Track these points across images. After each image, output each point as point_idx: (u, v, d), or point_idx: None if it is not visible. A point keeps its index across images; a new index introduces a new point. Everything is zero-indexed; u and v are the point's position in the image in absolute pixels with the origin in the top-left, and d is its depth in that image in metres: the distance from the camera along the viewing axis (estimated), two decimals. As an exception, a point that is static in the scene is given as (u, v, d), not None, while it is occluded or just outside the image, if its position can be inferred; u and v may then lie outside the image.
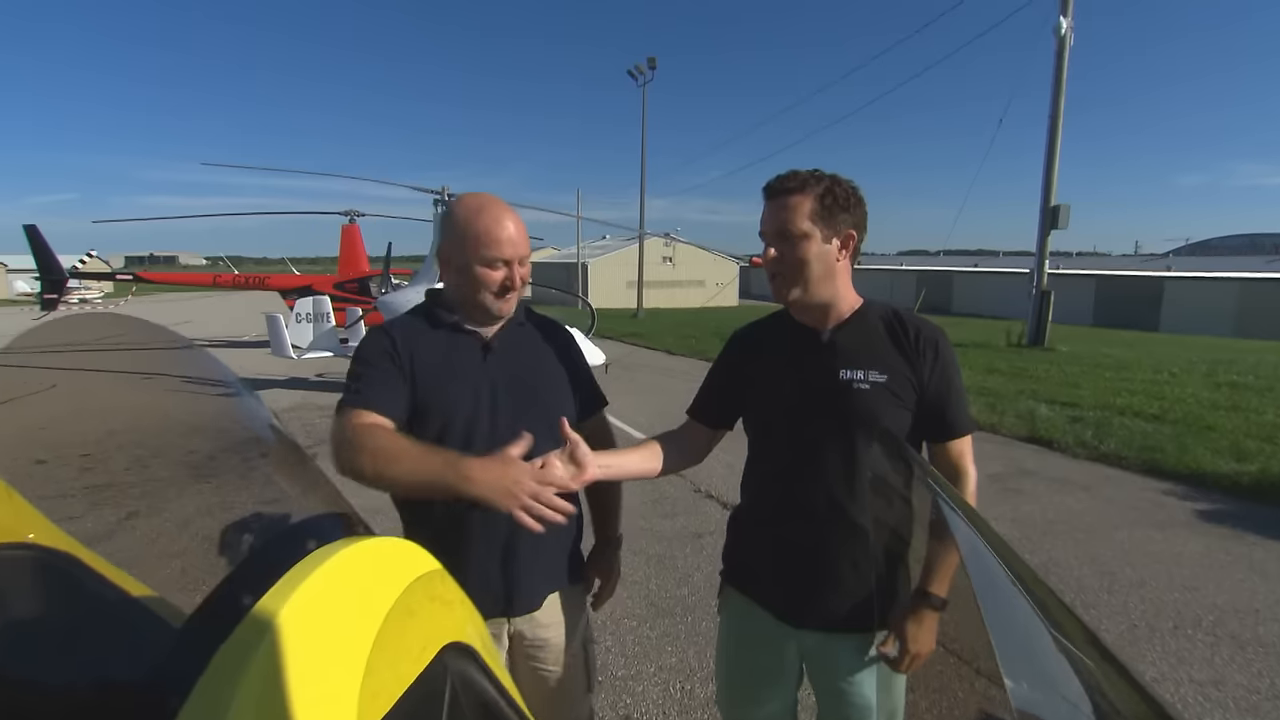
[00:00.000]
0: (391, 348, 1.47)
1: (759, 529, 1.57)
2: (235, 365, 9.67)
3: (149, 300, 36.52)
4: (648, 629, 3.29)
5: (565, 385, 1.61)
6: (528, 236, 1.53)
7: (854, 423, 1.41)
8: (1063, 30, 14.05)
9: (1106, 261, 51.89)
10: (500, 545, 1.47)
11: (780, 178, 1.43)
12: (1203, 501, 5.14)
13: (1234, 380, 9.95)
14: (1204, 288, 30.89)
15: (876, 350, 1.44)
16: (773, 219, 1.42)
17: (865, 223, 1.46)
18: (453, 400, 1.46)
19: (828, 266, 1.43)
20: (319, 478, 1.21)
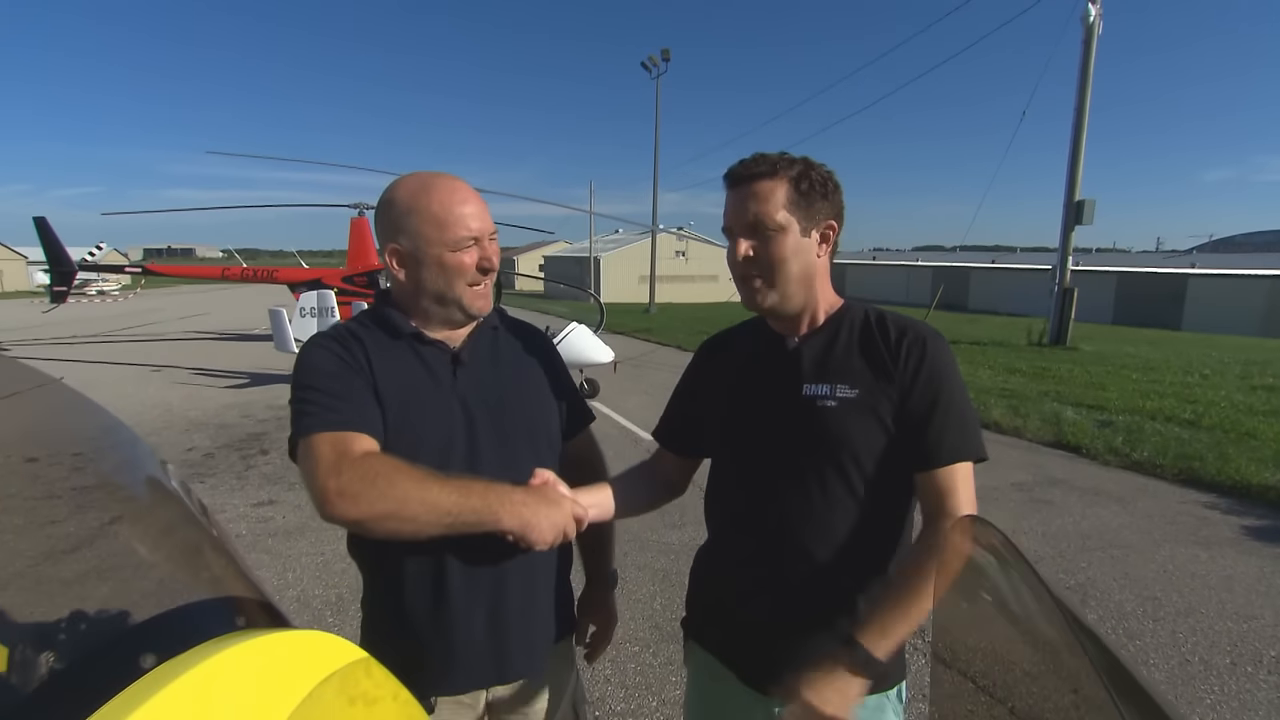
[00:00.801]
0: (351, 358, 1.20)
1: (718, 579, 1.34)
2: (242, 358, 9.52)
3: (165, 292, 36.81)
4: (650, 655, 3.04)
5: (548, 400, 1.36)
6: (488, 211, 1.27)
7: (819, 448, 1.17)
8: (1091, 18, 13.58)
9: (1127, 258, 50.87)
10: (486, 599, 1.22)
11: (746, 162, 1.19)
12: (1249, 516, 4.80)
13: (1271, 383, 9.55)
14: (1230, 285, 30.14)
15: (848, 360, 1.20)
16: (741, 209, 1.19)
17: (843, 213, 1.23)
18: (422, 424, 1.20)
19: (807, 264, 1.20)
20: (207, 545, 0.94)
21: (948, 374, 1.17)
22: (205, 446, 6.70)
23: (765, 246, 1.18)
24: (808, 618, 1.19)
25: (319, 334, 1.27)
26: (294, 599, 3.57)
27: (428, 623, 1.21)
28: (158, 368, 11.79)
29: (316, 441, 1.07)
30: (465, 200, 1.21)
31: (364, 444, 1.10)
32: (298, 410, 1.14)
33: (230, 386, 10.02)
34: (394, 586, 1.24)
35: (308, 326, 10.76)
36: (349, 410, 1.13)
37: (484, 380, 1.27)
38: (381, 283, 13.57)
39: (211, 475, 5.77)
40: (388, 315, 1.27)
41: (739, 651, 1.28)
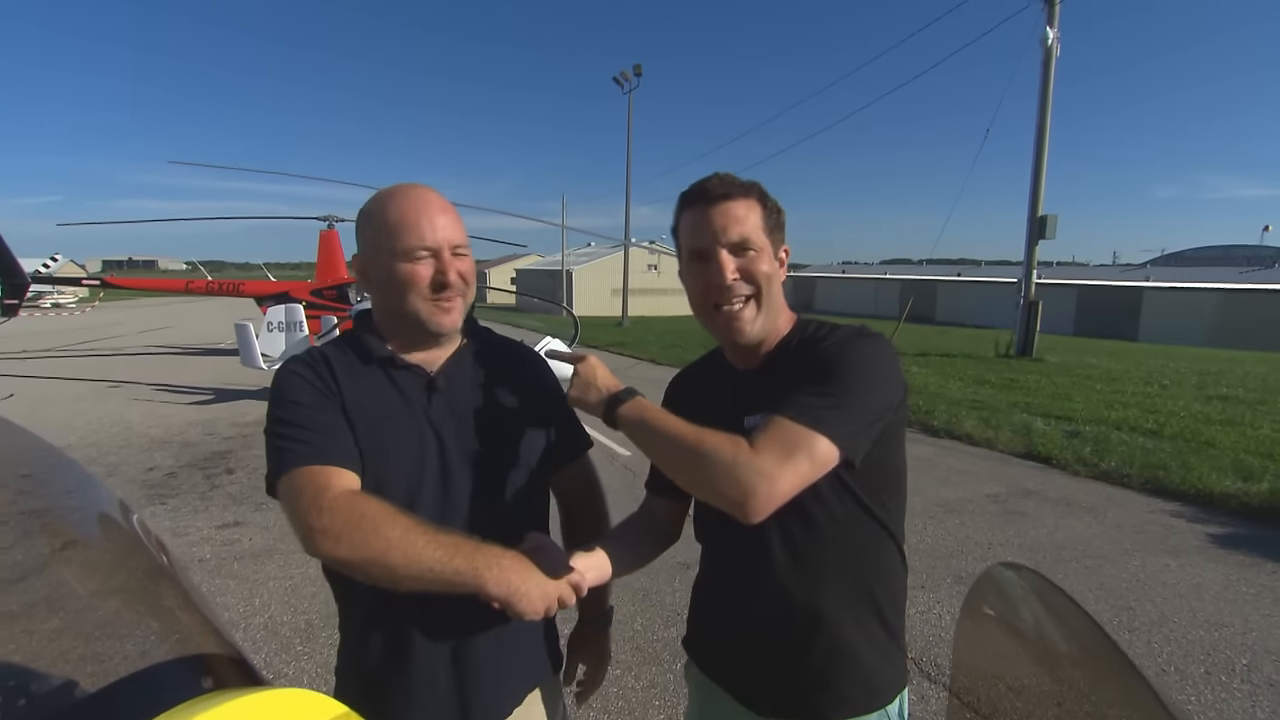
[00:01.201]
0: (324, 385, 1.14)
1: (710, 600, 1.33)
2: (207, 373, 9.17)
3: (125, 306, 35.71)
4: (632, 678, 2.97)
5: (535, 427, 1.27)
6: (461, 226, 1.20)
7: None
8: (1049, 40, 14.03)
9: (1085, 271, 52.47)
10: (449, 634, 1.15)
11: (719, 180, 1.16)
12: (1213, 524, 4.92)
13: (1225, 393, 9.86)
14: (1182, 298, 31.26)
15: (785, 383, 1.11)
16: (726, 228, 1.13)
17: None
18: (389, 453, 1.13)
19: (778, 289, 1.18)
20: (168, 594, 0.87)
21: (856, 362, 1.07)
22: (167, 466, 6.46)
23: (753, 265, 1.14)
24: (794, 650, 1.16)
25: (292, 359, 1.20)
26: (261, 626, 3.43)
27: (387, 658, 1.15)
28: (117, 383, 11.36)
29: (297, 477, 1.03)
30: (424, 209, 1.14)
31: (346, 480, 1.05)
32: (275, 445, 1.08)
33: (194, 403, 9.70)
34: (355, 616, 1.19)
35: (275, 341, 10.52)
36: (329, 444, 1.07)
37: (461, 406, 1.20)
38: (352, 297, 13.34)
39: (174, 496, 5.56)
40: (362, 338, 1.21)
41: (733, 674, 1.25)
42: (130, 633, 0.79)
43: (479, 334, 1.32)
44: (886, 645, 1.21)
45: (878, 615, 1.19)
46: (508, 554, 1.02)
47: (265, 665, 3.07)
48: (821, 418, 1.00)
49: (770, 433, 1.00)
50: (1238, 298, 29.93)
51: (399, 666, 1.15)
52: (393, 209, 1.14)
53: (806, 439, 0.99)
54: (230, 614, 3.55)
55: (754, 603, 1.19)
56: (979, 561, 4.18)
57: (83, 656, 0.72)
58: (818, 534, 1.14)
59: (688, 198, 1.18)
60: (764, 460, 0.97)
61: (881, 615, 1.20)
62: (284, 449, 1.06)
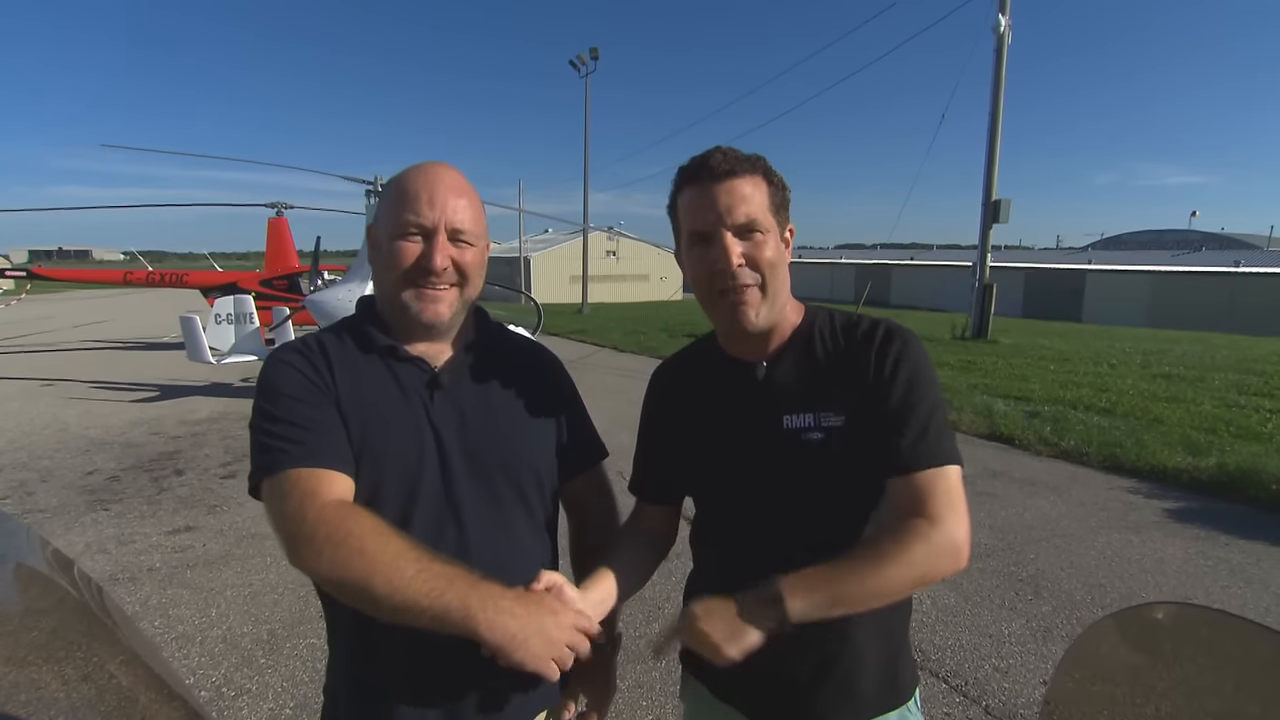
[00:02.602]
0: (317, 376, 1.03)
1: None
2: (150, 369, 8.67)
3: (57, 298, 33.75)
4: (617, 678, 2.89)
5: (545, 434, 1.17)
6: (478, 212, 1.10)
7: (812, 487, 1.06)
8: (1001, 28, 14.29)
9: (1031, 255, 54.30)
10: (448, 652, 1.02)
11: (721, 155, 1.05)
12: (1168, 499, 5.09)
13: (1167, 371, 10.28)
14: (1121, 280, 32.61)
15: (827, 381, 1.07)
16: (729, 207, 1.03)
17: None
18: (385, 452, 1.03)
19: (786, 274, 1.10)
20: (105, 651, 0.74)
21: (921, 373, 1.05)
22: (109, 469, 6.08)
23: (759, 250, 1.05)
24: (821, 657, 1.10)
25: (284, 347, 1.09)
26: (219, 639, 3.23)
27: (379, 678, 1.05)
28: (49, 381, 10.67)
29: (283, 480, 0.95)
30: (430, 186, 1.05)
31: (336, 486, 0.96)
32: (262, 442, 0.98)
33: (137, 400, 9.19)
34: (344, 629, 1.08)
35: (224, 334, 10.06)
36: (321, 444, 0.97)
37: (466, 406, 1.10)
38: (304, 286, 12.84)
39: (117, 501, 5.23)
40: (362, 326, 1.11)
41: (743, 689, 1.17)
42: (49, 700, 0.65)
43: (491, 330, 1.21)
44: (904, 640, 1.18)
45: (896, 610, 1.14)
46: (509, 594, 0.92)
47: (225, 681, 2.89)
48: (949, 449, 1.02)
49: (933, 493, 0.99)
50: (1170, 280, 31.38)
51: (392, 688, 1.05)
52: (402, 181, 1.06)
53: (954, 477, 1.01)
54: (185, 627, 3.35)
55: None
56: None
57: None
58: (847, 532, 1.08)
59: (688, 173, 1.08)
60: (950, 526, 0.97)
61: (900, 611, 1.16)
62: (271, 447, 0.97)
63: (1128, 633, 0.85)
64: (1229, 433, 6.51)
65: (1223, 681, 0.72)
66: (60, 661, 0.73)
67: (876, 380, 1.05)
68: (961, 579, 3.80)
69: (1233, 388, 8.79)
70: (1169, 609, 0.85)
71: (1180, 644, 0.80)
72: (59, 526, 4.69)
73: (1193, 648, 0.78)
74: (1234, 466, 5.44)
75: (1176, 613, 0.86)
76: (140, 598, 3.66)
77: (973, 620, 3.35)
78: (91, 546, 4.34)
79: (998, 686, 2.80)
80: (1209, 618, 0.77)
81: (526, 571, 1.10)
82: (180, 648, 3.15)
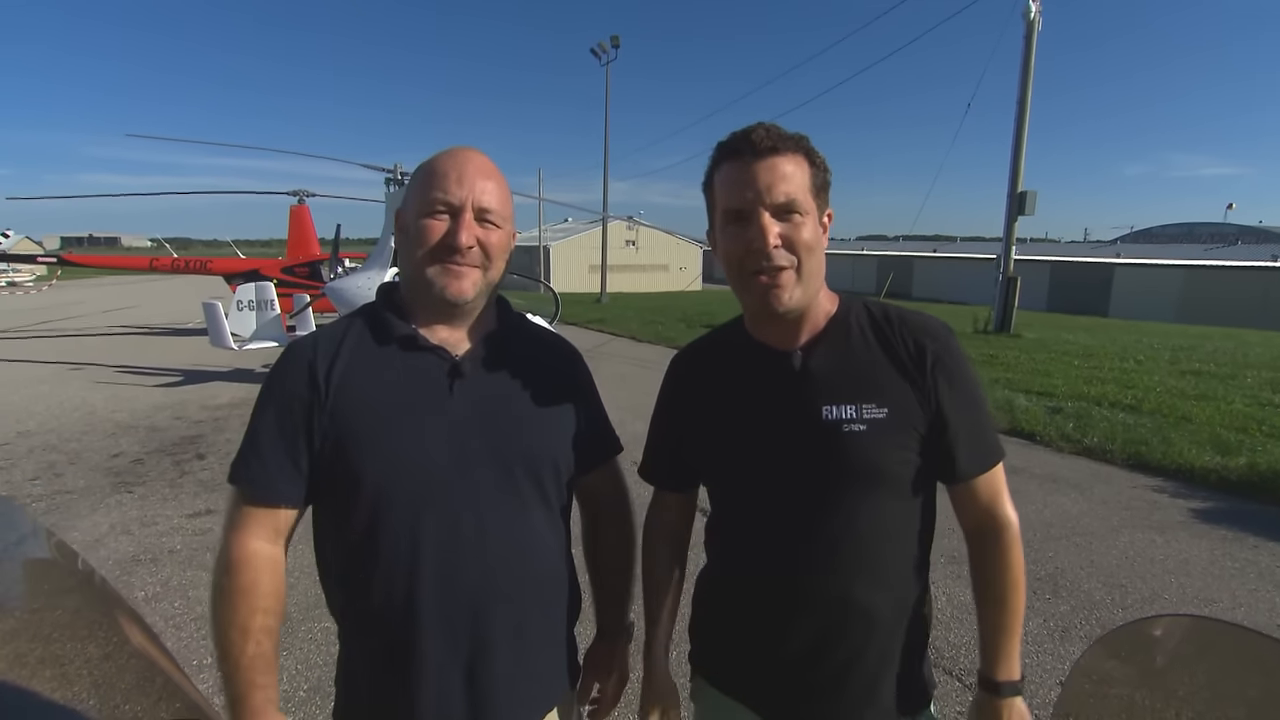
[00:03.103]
0: (309, 376, 1.03)
1: (733, 615, 1.17)
2: (175, 355, 8.80)
3: (87, 284, 34.48)
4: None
5: (565, 426, 1.16)
6: (505, 194, 1.10)
7: (852, 480, 1.03)
8: (1032, 14, 13.96)
9: (1057, 248, 53.27)
10: (465, 647, 1.04)
11: (760, 131, 1.02)
12: (1195, 499, 4.97)
13: (1197, 368, 10.03)
14: (1150, 274, 31.86)
15: (869, 372, 1.05)
16: (769, 186, 1.00)
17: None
18: (396, 455, 1.02)
19: (823, 259, 1.07)
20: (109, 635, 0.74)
21: (970, 372, 1.08)
22: (134, 452, 6.21)
23: (797, 231, 1.01)
24: (847, 658, 1.07)
25: (297, 340, 1.11)
26: (238, 620, 3.29)
27: (393, 676, 1.04)
28: (78, 365, 10.92)
29: (234, 495, 1.04)
30: (458, 166, 1.06)
31: (262, 530, 1.02)
32: (244, 436, 1.05)
33: (161, 385, 9.37)
34: (356, 623, 1.08)
35: (245, 320, 10.19)
36: (268, 467, 1.02)
37: (486, 396, 1.09)
38: (324, 274, 12.97)
39: (141, 484, 5.34)
40: (381, 313, 1.10)
41: (764, 690, 1.14)
42: (52, 686, 0.65)
43: (512, 320, 1.20)
44: (923, 647, 1.16)
45: (917, 616, 1.12)
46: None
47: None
48: (998, 444, 1.11)
49: (998, 494, 1.11)
50: (1203, 274, 30.61)
51: (406, 685, 1.03)
52: (432, 163, 1.07)
53: (1002, 467, 1.12)
54: (204, 608, 3.39)
55: (801, 622, 1.08)
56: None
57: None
58: (870, 548, 1.06)
59: (727, 149, 1.04)
60: (1014, 518, 1.12)
61: (923, 613, 1.14)
62: (242, 450, 1.04)
63: (1138, 644, 0.82)
64: (1261, 432, 6.34)
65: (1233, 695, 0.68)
66: (65, 650, 0.73)
67: (929, 379, 1.04)
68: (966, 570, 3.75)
69: (1266, 385, 8.56)
70: (1179, 621, 0.82)
71: (1189, 656, 0.77)
72: (85, 507, 4.79)
73: (1202, 660, 0.74)
74: (1265, 467, 5.30)
75: (1188, 625, 0.83)
76: (161, 579, 3.73)
77: (989, 618, 3.29)
78: (116, 528, 4.43)
79: (1013, 686, 2.75)
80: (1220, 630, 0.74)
81: (541, 560, 1.11)
82: (199, 628, 3.21)
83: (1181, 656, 0.82)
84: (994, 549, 1.10)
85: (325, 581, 1.12)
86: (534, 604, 1.10)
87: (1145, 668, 0.82)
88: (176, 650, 3.03)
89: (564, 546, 1.18)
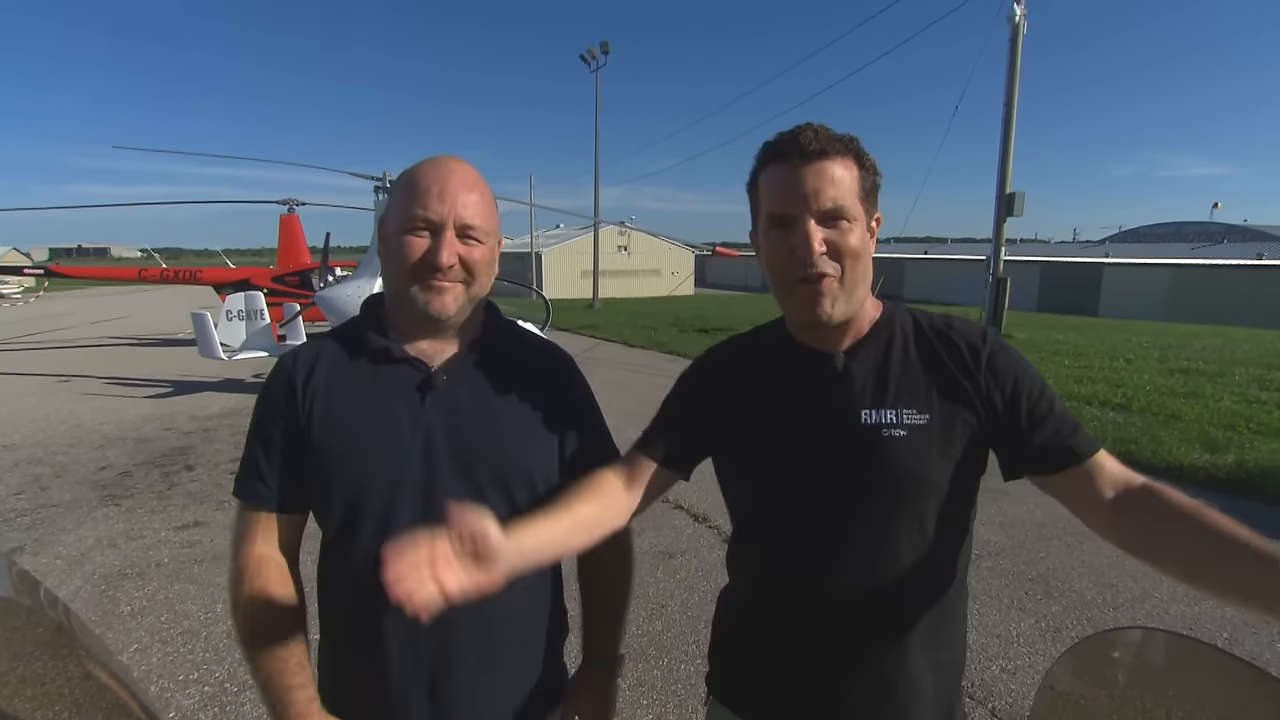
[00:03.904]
0: (289, 390, 1.05)
1: (760, 631, 1.12)
2: (164, 365, 8.69)
3: (76, 295, 34.23)
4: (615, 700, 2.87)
5: (549, 435, 1.12)
6: (489, 209, 1.07)
7: (891, 487, 0.99)
8: (1016, 17, 14.06)
9: (1047, 248, 53.65)
10: (429, 663, 1.03)
11: (810, 132, 0.97)
12: (1184, 497, 5.00)
13: (1185, 366, 10.12)
14: (1139, 274, 32.07)
15: (911, 378, 1.02)
16: (817, 191, 0.96)
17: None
18: (365, 469, 1.02)
19: (869, 266, 1.03)
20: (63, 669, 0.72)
21: (1028, 365, 1.04)
22: (121, 464, 6.14)
23: (844, 239, 0.97)
24: (873, 679, 1.03)
25: (284, 356, 1.12)
26: (224, 634, 3.25)
27: (358, 686, 1.06)
28: (66, 377, 10.81)
29: (239, 506, 1.09)
30: (440, 180, 1.02)
31: (267, 535, 1.06)
32: (244, 452, 1.10)
33: (151, 396, 9.29)
34: (329, 635, 1.10)
35: (235, 330, 10.14)
36: (262, 479, 1.06)
37: (459, 407, 1.06)
38: (315, 283, 12.91)
39: (128, 496, 5.28)
40: (360, 326, 1.11)
41: (794, 716, 1.09)
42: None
43: (499, 327, 1.17)
44: (962, 661, 1.12)
45: (957, 625, 1.09)
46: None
47: (229, 676, 2.91)
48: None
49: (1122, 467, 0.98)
50: (1190, 273, 30.85)
51: (371, 694, 1.04)
52: (413, 175, 1.05)
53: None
54: (190, 622, 3.37)
55: (836, 639, 1.03)
56: (961, 541, 4.17)
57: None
58: (908, 560, 1.01)
59: (774, 150, 1.00)
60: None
61: (960, 627, 1.11)
62: (242, 462, 1.09)
63: (1104, 657, 0.81)
64: (1249, 429, 6.39)
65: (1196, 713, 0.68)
66: (26, 685, 0.71)
67: (986, 387, 1.00)
68: (970, 578, 3.74)
69: (1254, 383, 8.63)
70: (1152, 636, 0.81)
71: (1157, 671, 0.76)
72: (71, 521, 4.74)
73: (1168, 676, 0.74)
74: (1254, 464, 5.34)
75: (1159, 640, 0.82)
76: (147, 593, 3.69)
77: (980, 620, 3.29)
78: (102, 541, 4.38)
79: (1004, 688, 2.75)
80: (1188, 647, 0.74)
81: (515, 579, 1.08)
82: (185, 643, 3.17)
83: (1149, 671, 0.81)
84: (1162, 490, 0.90)
85: (320, 584, 1.14)
86: (504, 624, 1.07)
87: (1113, 681, 0.81)
88: (162, 666, 3.00)
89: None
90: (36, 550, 4.24)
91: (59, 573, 3.93)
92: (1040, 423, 0.98)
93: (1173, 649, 0.77)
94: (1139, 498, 0.91)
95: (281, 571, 1.05)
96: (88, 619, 3.33)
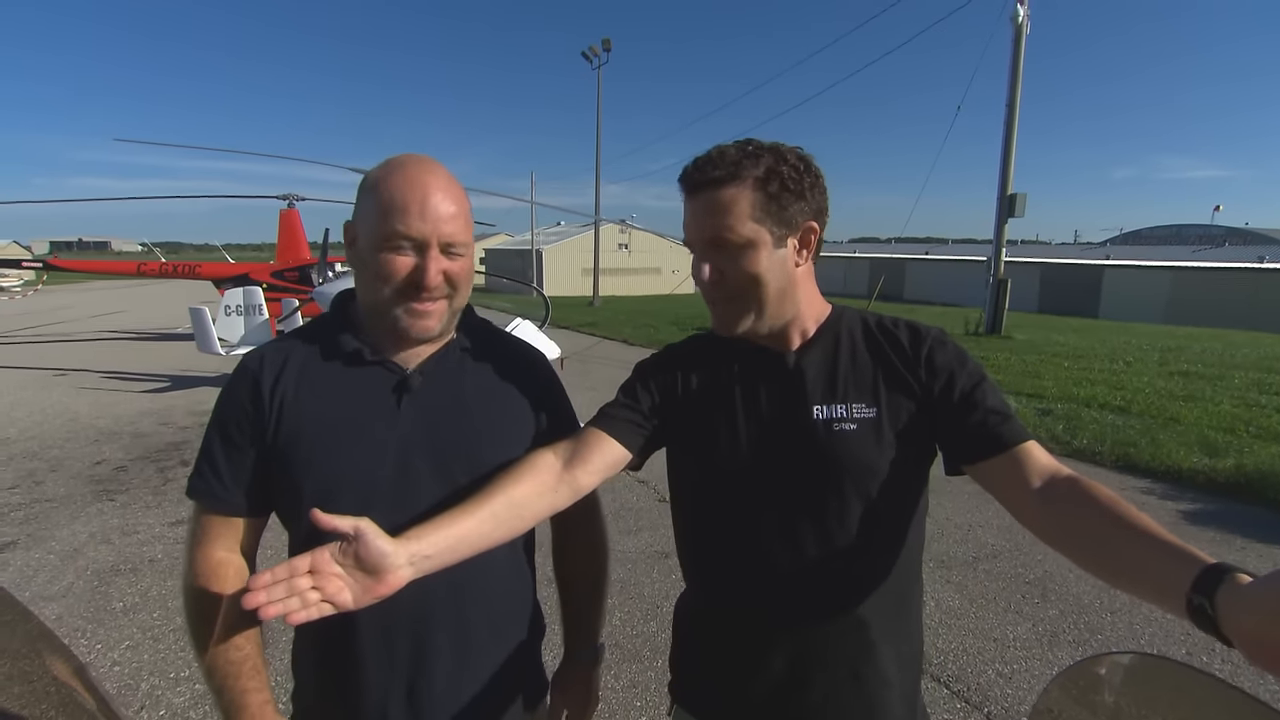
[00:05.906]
0: (254, 393, 1.01)
1: (716, 632, 1.12)
2: (162, 360, 8.68)
3: (75, 289, 34.19)
4: (611, 677, 2.86)
5: (523, 434, 1.11)
6: (468, 219, 1.03)
7: (842, 480, 1.01)
8: (1020, 18, 14.04)
9: (1048, 250, 53.62)
10: (405, 664, 1.01)
11: (701, 162, 1.00)
12: (1183, 500, 4.98)
13: (1185, 369, 10.08)
14: (1139, 276, 32.05)
15: (859, 373, 1.05)
16: (701, 224, 1.01)
17: (826, 208, 1.05)
18: (336, 474, 0.99)
19: (786, 278, 1.03)
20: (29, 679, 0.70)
21: (973, 362, 1.05)
22: (117, 459, 6.12)
23: (734, 265, 1.00)
24: (838, 671, 1.04)
25: (249, 354, 1.07)
26: (218, 631, 3.23)
27: (332, 685, 1.04)
28: (63, 371, 10.79)
29: (194, 509, 1.05)
30: (421, 192, 0.96)
31: (224, 540, 1.03)
32: (199, 451, 1.04)
33: (147, 391, 9.27)
34: (305, 634, 1.07)
35: (234, 325, 10.12)
36: (221, 483, 1.02)
37: (436, 412, 1.04)
38: (314, 278, 12.88)
39: (123, 491, 5.26)
40: (331, 327, 1.07)
41: (751, 716, 1.09)
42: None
43: (475, 327, 1.15)
44: (920, 653, 1.13)
45: (913, 615, 1.10)
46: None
47: (221, 674, 2.89)
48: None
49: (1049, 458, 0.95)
50: (1191, 275, 30.82)
51: (346, 696, 1.02)
52: (389, 184, 0.98)
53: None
54: (183, 619, 3.34)
55: (782, 610, 1.04)
56: (959, 544, 4.15)
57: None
58: (860, 555, 1.02)
59: (680, 183, 1.03)
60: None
61: (916, 618, 1.12)
62: (197, 464, 1.04)
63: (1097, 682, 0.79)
64: (1248, 433, 6.37)
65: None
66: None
67: (928, 380, 1.02)
68: (966, 580, 3.73)
69: (1253, 386, 8.60)
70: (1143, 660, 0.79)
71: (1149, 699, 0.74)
72: (64, 516, 4.72)
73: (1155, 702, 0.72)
74: (1253, 468, 5.32)
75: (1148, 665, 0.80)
76: (141, 589, 3.67)
77: (977, 623, 3.28)
78: (95, 537, 4.37)
79: (1000, 693, 2.74)
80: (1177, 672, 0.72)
81: (488, 576, 1.07)
82: (177, 639, 3.16)
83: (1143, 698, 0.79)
84: (1085, 482, 0.87)
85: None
86: (481, 623, 1.06)
87: (1106, 708, 0.79)
88: (154, 663, 2.98)
89: (520, 562, 1.15)
90: (30, 545, 4.22)
91: (51, 568, 3.91)
92: (970, 411, 0.99)
93: (1168, 676, 0.75)
94: (1063, 488, 0.89)
95: (241, 575, 1.02)
96: (80, 615, 3.31)
